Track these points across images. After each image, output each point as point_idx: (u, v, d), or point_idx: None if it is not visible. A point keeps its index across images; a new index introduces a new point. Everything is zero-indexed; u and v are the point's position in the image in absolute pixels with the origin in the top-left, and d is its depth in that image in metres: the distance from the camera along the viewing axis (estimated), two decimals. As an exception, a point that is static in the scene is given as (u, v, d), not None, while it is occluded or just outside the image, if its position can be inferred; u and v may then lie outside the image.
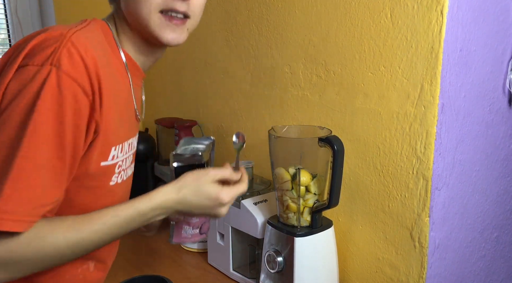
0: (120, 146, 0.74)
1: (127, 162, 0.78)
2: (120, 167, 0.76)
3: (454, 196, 0.94)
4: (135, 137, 0.84)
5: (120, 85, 0.74)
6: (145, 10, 0.69)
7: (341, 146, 0.91)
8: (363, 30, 0.98)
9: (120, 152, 0.74)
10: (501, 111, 0.99)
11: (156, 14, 0.70)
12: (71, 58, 0.61)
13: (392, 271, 0.99)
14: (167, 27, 0.71)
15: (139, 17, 0.71)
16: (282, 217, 1.00)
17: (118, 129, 0.73)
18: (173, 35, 0.72)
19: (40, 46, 0.62)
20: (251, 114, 1.33)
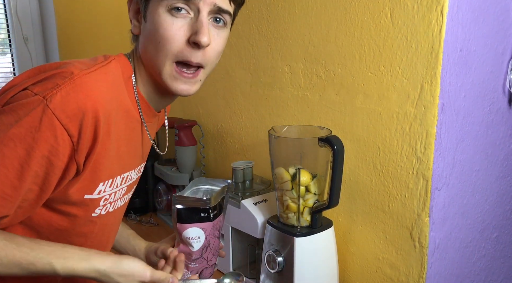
0: (109, 181, 0.74)
1: (116, 195, 0.78)
2: (107, 201, 0.76)
3: (454, 196, 0.94)
4: (136, 169, 0.83)
5: (127, 125, 0.74)
6: (161, 59, 0.69)
7: (341, 146, 0.91)
8: (363, 30, 0.98)
9: (109, 187, 0.74)
10: (501, 111, 0.99)
11: (171, 64, 0.70)
12: (66, 98, 0.62)
13: (392, 271, 0.99)
14: (178, 79, 0.71)
15: (154, 63, 0.71)
16: (282, 217, 1.00)
17: (112, 165, 0.73)
18: (184, 87, 0.72)
19: (47, 78, 0.64)
20: (251, 114, 1.33)
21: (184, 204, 0.81)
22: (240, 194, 1.12)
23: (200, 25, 0.68)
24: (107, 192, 0.75)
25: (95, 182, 0.71)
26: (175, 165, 1.50)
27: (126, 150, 0.76)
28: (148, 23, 0.71)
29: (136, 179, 0.87)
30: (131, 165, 0.80)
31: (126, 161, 0.77)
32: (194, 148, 1.46)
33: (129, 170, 0.80)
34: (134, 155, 0.80)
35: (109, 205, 0.78)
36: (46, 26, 1.87)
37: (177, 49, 0.68)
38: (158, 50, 0.69)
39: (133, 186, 0.86)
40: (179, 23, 0.68)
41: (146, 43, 0.72)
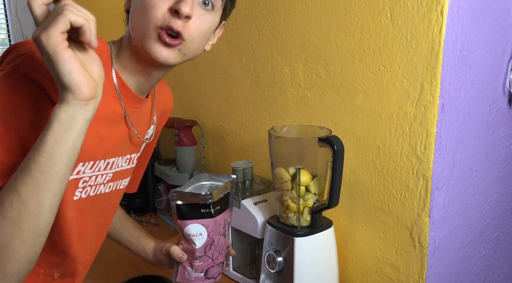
0: (90, 163, 0.73)
1: (98, 179, 0.77)
2: (86, 183, 0.75)
3: (454, 196, 0.94)
4: (123, 157, 0.83)
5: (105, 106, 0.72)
6: (145, 25, 0.69)
7: (341, 146, 0.91)
8: (363, 30, 0.98)
9: (89, 169, 0.74)
10: (501, 111, 0.99)
11: (155, 29, 0.69)
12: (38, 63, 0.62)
13: (392, 271, 0.99)
14: (160, 43, 0.70)
15: (139, 31, 0.71)
16: (282, 217, 1.00)
17: (92, 147, 0.72)
18: (164, 52, 0.70)
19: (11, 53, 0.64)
20: (251, 114, 1.33)
21: (183, 200, 0.79)
22: (240, 194, 1.12)
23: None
24: (86, 174, 0.74)
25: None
26: (175, 165, 1.50)
27: (108, 133, 0.75)
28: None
29: (127, 170, 0.86)
30: (117, 151, 0.79)
31: (109, 146, 0.77)
32: (194, 148, 1.46)
33: (114, 156, 0.79)
34: (120, 141, 0.79)
35: (89, 188, 0.76)
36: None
37: (160, 15, 0.68)
38: (143, 17, 0.69)
39: (123, 176, 0.85)
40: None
41: (133, 14, 0.72)
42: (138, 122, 0.83)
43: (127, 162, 0.84)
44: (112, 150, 0.78)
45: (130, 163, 0.86)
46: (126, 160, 0.84)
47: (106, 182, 0.80)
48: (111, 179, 0.81)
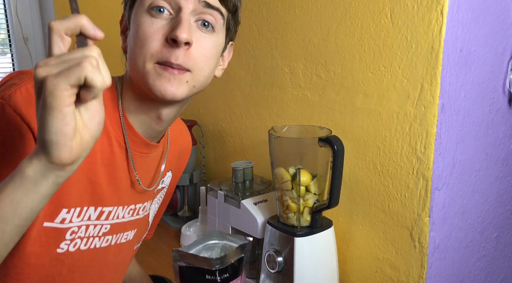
0: (77, 210, 0.65)
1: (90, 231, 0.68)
2: (75, 234, 0.66)
3: (454, 196, 0.94)
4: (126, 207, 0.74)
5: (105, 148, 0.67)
6: (141, 61, 0.62)
7: (341, 146, 0.91)
8: (363, 30, 0.98)
9: (77, 217, 0.65)
10: (501, 111, 0.99)
11: (152, 64, 0.62)
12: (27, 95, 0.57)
13: (392, 271, 0.99)
14: (162, 77, 0.62)
15: (137, 68, 0.64)
16: (282, 217, 1.00)
17: (81, 191, 0.65)
18: (168, 87, 0.62)
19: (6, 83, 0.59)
20: (251, 114, 1.33)
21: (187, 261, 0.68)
22: (240, 194, 1.12)
23: (179, 20, 0.61)
24: (74, 223, 0.65)
25: (57, 206, 0.63)
26: (175, 165, 1.50)
27: (105, 179, 0.68)
28: (131, 31, 0.65)
29: (131, 222, 0.76)
30: (114, 200, 0.70)
31: (105, 192, 0.68)
32: (194, 148, 1.46)
33: (110, 205, 0.70)
34: (121, 188, 0.71)
35: (79, 240, 0.67)
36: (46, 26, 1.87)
37: (155, 48, 0.61)
38: (138, 53, 0.63)
39: (125, 228, 0.75)
40: (158, 23, 0.62)
41: (130, 51, 0.65)
42: (142, 168, 0.74)
43: (130, 213, 0.75)
44: (107, 198, 0.69)
45: (134, 214, 0.77)
46: (130, 211, 0.75)
47: (102, 235, 0.71)
48: (109, 231, 0.72)
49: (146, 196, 0.78)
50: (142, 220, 0.81)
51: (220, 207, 1.17)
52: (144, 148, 0.72)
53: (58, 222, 0.63)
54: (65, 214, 0.63)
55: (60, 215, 0.63)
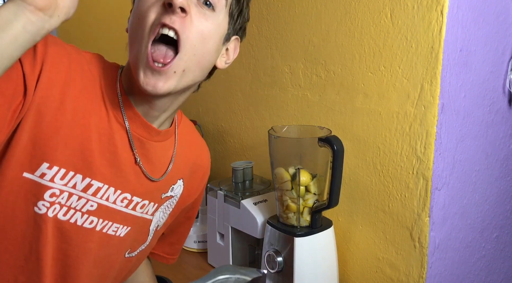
0: (61, 171, 0.62)
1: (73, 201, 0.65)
2: (56, 197, 0.63)
3: (454, 196, 0.94)
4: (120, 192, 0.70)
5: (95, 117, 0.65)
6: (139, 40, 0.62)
7: (341, 146, 0.91)
8: (363, 30, 0.98)
9: (60, 179, 0.63)
10: (501, 111, 0.99)
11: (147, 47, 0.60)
12: None
13: (392, 271, 0.99)
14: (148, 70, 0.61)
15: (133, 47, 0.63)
16: (282, 217, 1.00)
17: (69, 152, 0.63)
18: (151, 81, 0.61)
19: None
20: (251, 114, 1.33)
21: None
22: (240, 194, 1.12)
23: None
24: (56, 184, 0.62)
25: (38, 158, 0.60)
26: (175, 165, 1.50)
27: (99, 148, 0.66)
28: (133, 11, 0.65)
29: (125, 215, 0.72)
30: (107, 176, 0.67)
31: (96, 162, 0.65)
32: (194, 148, 1.46)
33: (101, 181, 0.66)
34: (114, 166, 0.68)
35: (58, 206, 0.64)
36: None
37: (153, 17, 0.60)
38: (138, 27, 0.62)
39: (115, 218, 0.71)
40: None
41: (129, 31, 0.65)
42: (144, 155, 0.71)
43: (124, 202, 0.71)
44: (98, 171, 0.66)
45: (129, 206, 0.72)
46: (124, 200, 0.71)
47: (86, 212, 0.67)
48: (95, 212, 0.68)
49: (149, 193, 0.74)
50: (138, 220, 0.76)
51: (220, 207, 1.17)
52: (143, 131, 0.70)
53: (37, 176, 0.61)
54: (46, 169, 0.61)
55: (40, 168, 0.61)
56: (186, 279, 1.16)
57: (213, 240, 1.21)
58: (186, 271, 1.21)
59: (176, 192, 0.81)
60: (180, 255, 1.29)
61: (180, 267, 1.23)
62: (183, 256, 1.29)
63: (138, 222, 0.76)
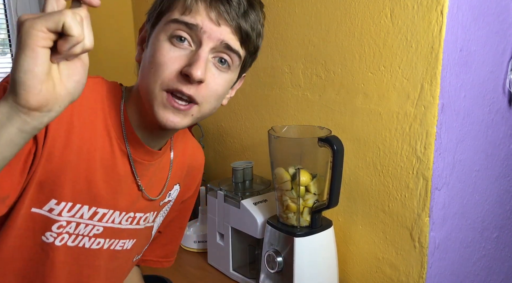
0: (68, 205, 0.65)
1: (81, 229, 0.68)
2: (63, 228, 0.66)
3: (454, 196, 0.94)
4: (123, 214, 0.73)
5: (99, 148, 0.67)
6: (153, 85, 0.63)
7: (341, 146, 0.91)
8: (363, 30, 0.98)
9: (67, 212, 0.66)
10: (501, 111, 0.99)
11: (162, 92, 0.63)
12: None
13: (392, 271, 0.99)
14: (168, 108, 0.63)
15: (147, 90, 0.65)
16: (281, 217, 1.00)
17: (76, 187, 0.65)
18: (172, 118, 0.63)
19: None
20: (251, 114, 1.33)
21: None
22: (240, 194, 1.12)
23: (196, 57, 0.61)
24: (64, 217, 0.66)
25: (46, 195, 0.63)
26: (175, 165, 1.50)
27: (104, 179, 0.68)
28: (148, 49, 0.66)
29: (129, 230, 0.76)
30: (111, 202, 0.70)
31: (101, 192, 0.68)
32: (194, 148, 1.46)
33: (106, 207, 0.70)
34: (118, 192, 0.71)
35: (66, 235, 0.67)
36: (46, 26, 1.88)
37: (169, 77, 0.62)
38: (151, 75, 0.63)
39: (121, 235, 0.75)
40: (176, 52, 0.62)
41: (142, 69, 0.66)
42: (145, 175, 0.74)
43: (128, 220, 0.75)
44: (103, 199, 0.69)
45: (133, 222, 0.76)
46: (128, 218, 0.74)
47: (94, 236, 0.71)
48: (101, 234, 0.72)
49: (150, 206, 0.78)
50: (142, 231, 0.80)
51: (220, 207, 1.17)
52: (145, 155, 0.72)
53: (46, 210, 0.64)
54: (54, 205, 0.64)
55: (48, 204, 0.63)
56: (186, 279, 1.16)
57: (213, 240, 1.21)
58: (186, 271, 1.21)
59: (173, 196, 0.84)
60: (180, 255, 1.29)
61: (180, 267, 1.23)
62: (183, 256, 1.29)
63: (142, 232, 0.80)
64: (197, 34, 0.62)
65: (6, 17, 1.79)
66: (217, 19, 0.62)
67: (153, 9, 0.67)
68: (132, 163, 0.71)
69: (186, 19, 0.62)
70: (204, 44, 0.62)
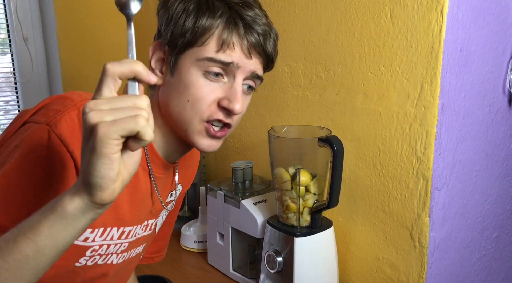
0: (100, 230, 0.67)
1: (110, 249, 0.71)
2: (95, 252, 0.68)
3: (454, 196, 0.94)
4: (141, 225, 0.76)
5: None
6: (190, 116, 0.66)
7: (341, 146, 0.91)
8: (363, 30, 0.98)
9: (100, 237, 0.67)
10: (501, 111, 0.99)
11: (200, 122, 0.66)
12: (71, 123, 0.59)
13: (392, 271, 0.99)
14: (206, 136, 0.68)
15: (180, 119, 0.67)
16: (281, 217, 1.00)
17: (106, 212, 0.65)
18: (210, 144, 0.68)
19: (46, 106, 0.61)
20: (251, 114, 1.33)
21: None
22: (240, 194, 1.12)
23: (234, 92, 0.65)
24: (97, 242, 0.67)
25: None
26: (175, 165, 1.50)
27: (129, 200, 0.70)
28: (176, 79, 0.67)
29: (144, 237, 0.79)
30: (135, 219, 0.73)
31: (126, 213, 0.70)
32: (194, 148, 1.46)
33: (131, 225, 0.72)
34: (140, 208, 0.74)
35: (98, 257, 0.70)
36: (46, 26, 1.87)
37: (208, 110, 0.65)
38: (187, 108, 0.66)
39: (138, 243, 0.78)
40: (212, 86, 0.65)
41: (172, 98, 0.67)
42: (162, 188, 0.77)
43: (143, 229, 0.78)
44: (129, 218, 0.71)
45: (147, 229, 0.80)
46: (143, 227, 0.78)
47: (120, 252, 0.74)
48: (126, 249, 0.75)
49: (160, 210, 0.80)
50: (152, 233, 0.83)
51: (220, 207, 1.17)
52: (164, 170, 0.75)
53: (81, 240, 0.65)
54: (89, 234, 0.65)
55: (84, 234, 0.64)
56: (186, 279, 1.16)
57: (213, 240, 1.21)
58: (186, 271, 1.21)
59: (175, 195, 0.86)
60: (180, 255, 1.30)
61: (180, 267, 1.23)
62: (183, 256, 1.29)
63: (151, 235, 0.83)
64: (232, 69, 0.65)
65: (6, 17, 1.79)
66: (249, 52, 0.66)
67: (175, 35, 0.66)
68: (154, 179, 0.73)
69: (222, 58, 0.64)
70: (238, 77, 0.66)
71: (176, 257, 1.28)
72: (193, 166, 0.93)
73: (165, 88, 0.69)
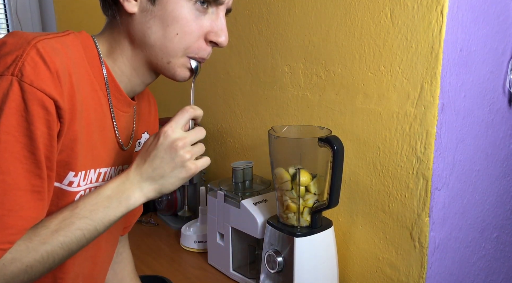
0: (82, 174, 0.67)
1: None
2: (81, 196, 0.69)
3: (454, 196, 0.94)
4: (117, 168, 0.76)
5: (96, 108, 0.68)
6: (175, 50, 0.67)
7: (341, 146, 0.91)
8: (363, 30, 0.98)
9: (83, 181, 0.67)
10: (501, 111, 0.99)
11: (184, 56, 0.69)
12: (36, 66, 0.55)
13: (392, 271, 0.99)
14: (186, 69, 0.71)
15: (163, 50, 0.67)
16: (282, 217, 1.00)
17: (84, 154, 0.66)
18: (187, 76, 0.72)
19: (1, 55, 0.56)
20: (251, 114, 1.33)
21: None
22: (240, 194, 1.12)
23: (221, 25, 0.69)
24: (82, 187, 0.67)
25: (64, 168, 0.64)
26: (175, 165, 1.50)
27: (100, 139, 0.69)
28: (161, 9, 0.65)
29: None
30: (107, 160, 0.73)
31: (100, 153, 0.70)
32: (194, 148, 1.46)
33: (105, 166, 0.72)
34: (110, 149, 0.73)
35: None
36: (46, 26, 1.87)
37: (195, 45, 0.68)
38: (174, 41, 0.66)
39: None
40: (201, 20, 0.67)
41: (153, 29, 0.65)
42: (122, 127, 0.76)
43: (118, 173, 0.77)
44: (102, 158, 0.71)
45: None
46: (118, 171, 0.77)
47: None
48: None
49: (127, 157, 0.79)
50: None
51: (220, 207, 1.17)
52: (125, 106, 0.74)
53: (65, 184, 0.65)
54: (73, 178, 0.66)
55: (67, 177, 0.65)
56: (186, 279, 1.16)
57: (213, 240, 1.21)
58: (186, 271, 1.21)
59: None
60: (180, 255, 1.30)
61: (180, 267, 1.23)
62: (183, 256, 1.29)
63: None
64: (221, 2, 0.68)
65: (6, 17, 1.79)
66: None
67: None
68: (113, 116, 0.72)
69: None
70: (221, 10, 0.69)
71: (176, 257, 1.28)
72: (154, 112, 0.93)
73: (142, 17, 0.66)
